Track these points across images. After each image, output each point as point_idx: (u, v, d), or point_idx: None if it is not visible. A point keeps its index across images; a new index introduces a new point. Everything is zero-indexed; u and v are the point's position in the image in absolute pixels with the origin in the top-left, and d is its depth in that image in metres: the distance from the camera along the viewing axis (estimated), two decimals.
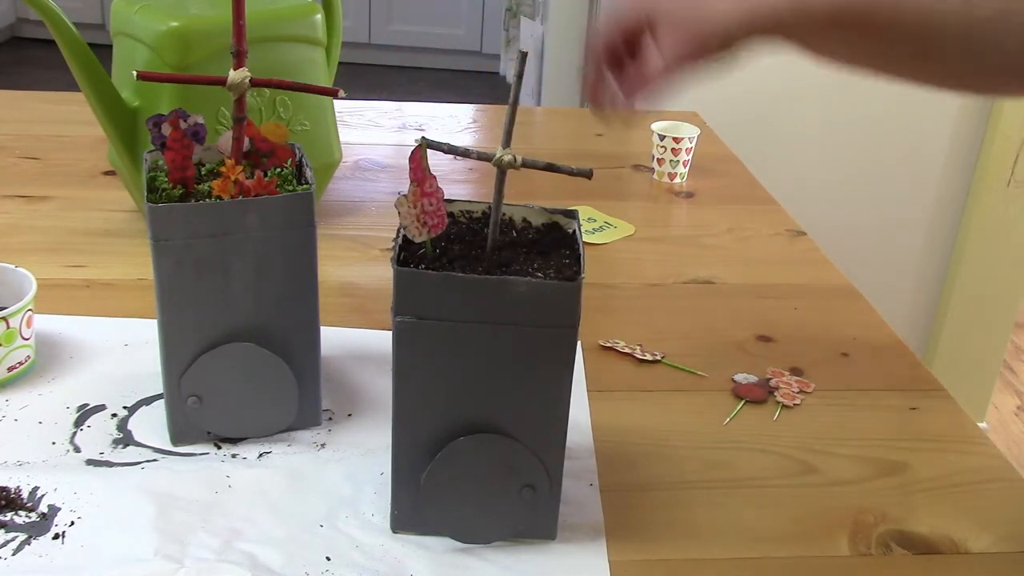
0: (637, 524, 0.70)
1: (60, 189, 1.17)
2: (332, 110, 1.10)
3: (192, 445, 0.74)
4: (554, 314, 0.59)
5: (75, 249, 1.03)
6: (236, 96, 0.68)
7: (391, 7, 4.57)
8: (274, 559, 0.64)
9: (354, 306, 0.95)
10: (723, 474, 0.76)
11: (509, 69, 4.36)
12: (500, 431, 0.63)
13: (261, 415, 0.74)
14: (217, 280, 0.69)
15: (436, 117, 1.53)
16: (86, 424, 0.76)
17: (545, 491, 0.64)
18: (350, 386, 0.83)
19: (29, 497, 0.67)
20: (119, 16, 1.01)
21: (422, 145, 0.59)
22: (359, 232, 1.12)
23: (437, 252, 0.62)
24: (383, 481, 0.70)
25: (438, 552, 0.65)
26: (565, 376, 0.62)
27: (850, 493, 0.75)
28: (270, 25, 1.01)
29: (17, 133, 1.33)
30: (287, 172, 0.73)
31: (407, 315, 0.60)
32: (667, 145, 1.30)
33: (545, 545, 0.67)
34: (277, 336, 0.72)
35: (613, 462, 0.76)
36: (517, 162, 0.61)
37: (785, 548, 0.69)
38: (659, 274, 1.07)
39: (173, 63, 0.95)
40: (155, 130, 0.68)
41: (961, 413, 0.85)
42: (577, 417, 0.75)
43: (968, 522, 0.72)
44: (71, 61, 0.94)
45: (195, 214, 0.67)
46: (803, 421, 0.83)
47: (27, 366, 0.81)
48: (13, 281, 0.81)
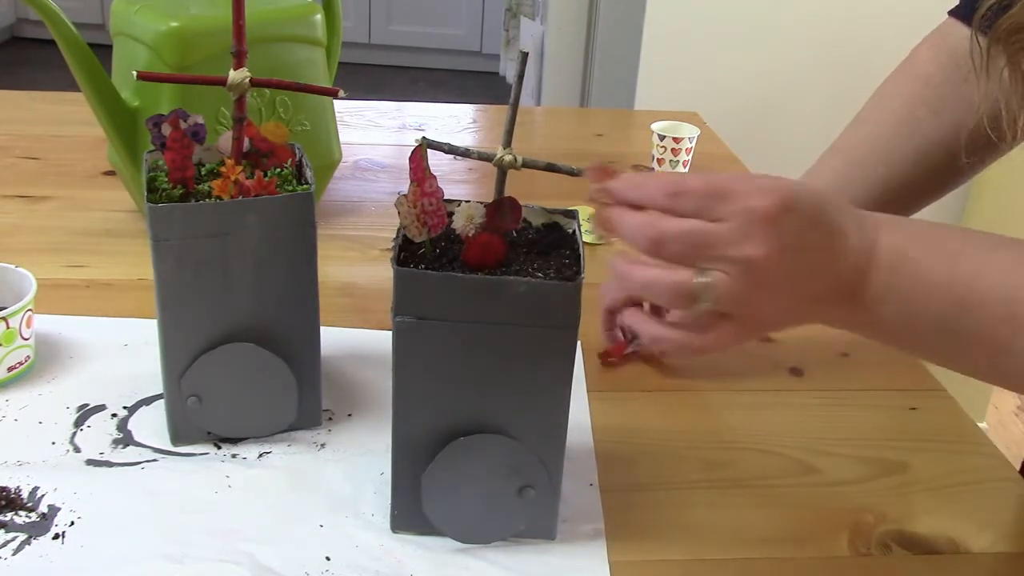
0: (637, 524, 0.70)
1: (60, 189, 1.17)
2: (332, 110, 1.10)
3: (192, 445, 0.74)
4: (554, 314, 0.59)
5: (75, 249, 1.03)
6: (236, 96, 0.68)
7: (391, 7, 4.58)
8: (274, 559, 0.64)
9: (354, 306, 0.95)
10: (723, 474, 0.76)
11: (509, 69, 4.36)
12: (500, 431, 0.63)
13: (261, 415, 0.74)
14: (217, 280, 0.69)
15: (436, 117, 1.53)
16: (86, 424, 0.76)
17: (545, 491, 0.64)
18: (350, 386, 0.83)
19: (29, 497, 0.67)
20: (119, 16, 1.01)
21: (422, 145, 0.59)
22: (359, 232, 1.12)
23: (437, 252, 0.62)
24: (383, 481, 0.70)
25: (438, 552, 0.65)
26: (565, 376, 0.62)
27: (850, 493, 0.75)
28: (270, 25, 1.01)
29: (17, 133, 1.33)
30: (287, 172, 0.73)
31: (407, 315, 0.60)
32: (667, 145, 1.30)
33: (545, 545, 0.67)
34: (277, 336, 0.72)
35: (613, 462, 0.76)
36: (517, 162, 0.61)
37: (785, 548, 0.69)
38: None
39: (173, 63, 0.95)
40: (155, 130, 0.68)
41: (961, 413, 0.85)
42: (577, 417, 0.75)
43: (968, 522, 0.72)
44: (71, 61, 0.94)
45: (195, 214, 0.67)
46: (803, 421, 0.83)
47: (27, 366, 0.81)
48: (13, 281, 0.81)
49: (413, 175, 0.60)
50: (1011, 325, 0.53)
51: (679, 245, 0.53)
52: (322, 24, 1.07)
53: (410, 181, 0.60)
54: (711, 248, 0.52)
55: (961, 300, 0.54)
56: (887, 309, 0.56)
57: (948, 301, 0.55)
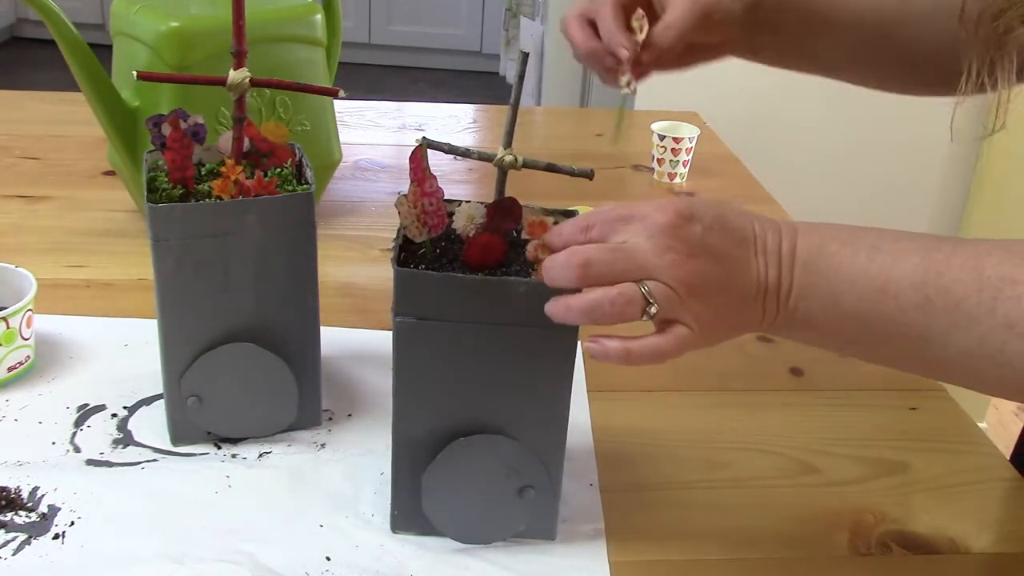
0: (637, 524, 0.70)
1: (60, 189, 1.17)
2: (332, 110, 1.10)
3: (192, 445, 0.74)
4: None
5: (75, 249, 1.03)
6: (236, 96, 0.68)
7: (391, 7, 4.58)
8: (274, 559, 0.64)
9: (354, 306, 0.95)
10: (723, 474, 0.76)
11: (509, 69, 4.36)
12: (500, 431, 0.63)
13: (261, 415, 0.74)
14: (217, 280, 0.69)
15: (436, 117, 1.53)
16: (86, 424, 0.76)
17: (545, 491, 0.64)
18: (350, 386, 0.83)
19: (29, 497, 0.67)
20: (119, 16, 1.01)
21: (422, 145, 0.59)
22: (359, 232, 1.12)
23: (437, 252, 0.62)
24: (383, 481, 0.70)
25: (438, 552, 0.65)
26: (565, 376, 0.62)
27: (850, 493, 0.75)
28: (270, 25, 1.01)
29: (17, 133, 1.33)
30: (287, 172, 0.73)
31: (407, 315, 0.60)
32: (667, 145, 1.30)
33: (545, 545, 0.67)
34: (277, 336, 0.72)
35: (613, 462, 0.76)
36: (518, 162, 0.61)
37: (785, 548, 0.69)
38: None
39: (173, 63, 0.95)
40: (155, 130, 0.68)
41: (961, 413, 0.85)
42: (577, 417, 0.75)
43: (968, 522, 0.72)
44: (71, 61, 0.94)
45: (195, 214, 0.67)
46: (803, 421, 0.83)
47: (27, 366, 0.81)
48: (13, 281, 0.81)
49: (413, 175, 0.60)
50: (924, 310, 0.54)
51: (605, 263, 0.56)
52: (322, 24, 1.07)
53: (410, 181, 0.60)
54: (632, 260, 0.56)
55: (879, 288, 0.56)
56: (811, 304, 0.57)
57: (866, 288, 0.56)
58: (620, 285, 0.55)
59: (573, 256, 0.56)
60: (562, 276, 0.56)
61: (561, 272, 0.56)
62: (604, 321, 0.55)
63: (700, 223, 0.57)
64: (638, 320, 0.56)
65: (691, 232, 0.56)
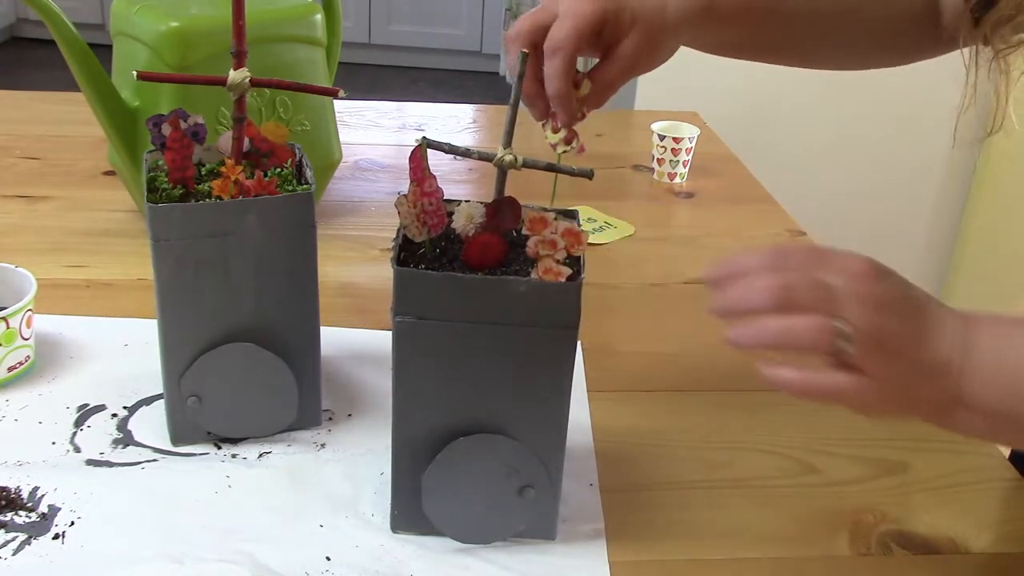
0: (637, 524, 0.70)
1: (60, 189, 1.17)
2: (332, 110, 1.10)
3: (192, 445, 0.74)
4: (554, 314, 0.59)
5: (75, 249, 1.03)
6: (236, 96, 0.68)
7: (391, 7, 4.57)
8: (274, 559, 0.64)
9: (354, 306, 0.95)
10: (723, 474, 0.76)
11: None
12: (500, 431, 0.63)
13: (261, 415, 0.74)
14: (217, 280, 0.69)
15: (436, 117, 1.53)
16: (86, 424, 0.76)
17: (545, 491, 0.64)
18: (350, 386, 0.83)
19: (29, 497, 0.67)
20: (119, 16, 1.01)
21: (422, 145, 0.59)
22: (359, 232, 1.12)
23: (437, 252, 0.62)
24: (383, 481, 0.70)
25: (438, 552, 0.65)
26: (565, 376, 0.62)
27: (850, 493, 0.75)
28: (270, 25, 1.01)
29: (17, 133, 1.33)
30: (287, 172, 0.73)
31: (407, 315, 0.60)
32: (667, 145, 1.30)
33: (545, 545, 0.67)
34: (277, 336, 0.72)
35: (613, 462, 0.76)
36: (518, 162, 0.61)
37: (785, 548, 0.69)
38: (659, 274, 1.07)
39: (173, 63, 0.95)
40: (155, 130, 0.68)
41: None
42: (577, 417, 0.75)
43: (968, 522, 0.72)
44: (71, 61, 0.94)
45: (195, 214, 0.67)
46: (803, 421, 0.83)
47: (27, 366, 0.81)
48: (13, 281, 0.81)
49: (413, 175, 0.60)
50: None
51: (809, 293, 0.55)
52: (322, 24, 1.07)
53: (410, 181, 0.60)
54: (831, 295, 0.55)
55: None
56: (992, 392, 0.56)
57: None
58: (816, 315, 0.54)
59: (777, 280, 0.55)
60: (759, 295, 0.55)
61: (759, 292, 0.55)
62: (788, 346, 0.55)
63: (895, 283, 0.57)
64: (821, 353, 0.55)
65: (887, 287, 0.56)
